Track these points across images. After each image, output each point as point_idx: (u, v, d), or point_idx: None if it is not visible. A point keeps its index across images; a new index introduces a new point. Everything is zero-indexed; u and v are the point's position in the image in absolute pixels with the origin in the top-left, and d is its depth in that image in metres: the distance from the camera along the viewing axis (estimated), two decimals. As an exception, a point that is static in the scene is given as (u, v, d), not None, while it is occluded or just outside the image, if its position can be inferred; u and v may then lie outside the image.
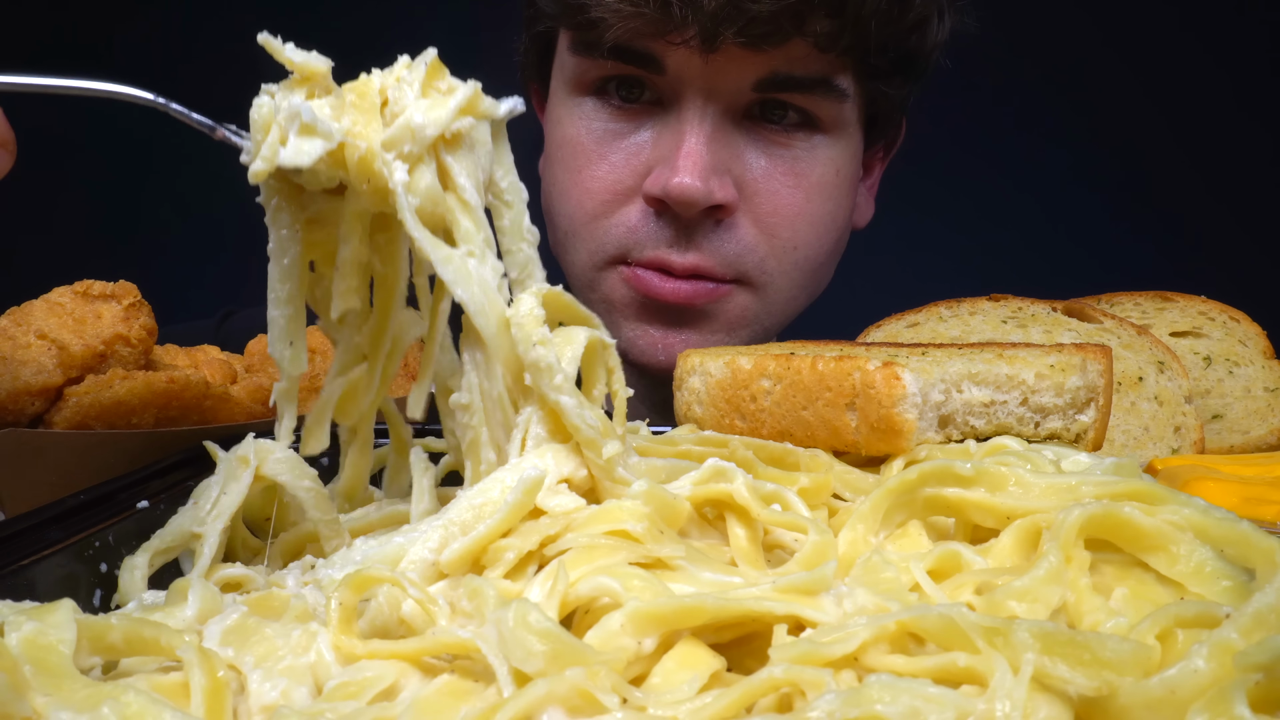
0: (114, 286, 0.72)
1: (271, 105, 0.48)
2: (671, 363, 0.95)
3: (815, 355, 0.58)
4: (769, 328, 1.02)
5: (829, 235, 1.01)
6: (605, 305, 0.99)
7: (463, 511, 0.47)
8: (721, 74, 0.90)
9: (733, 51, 0.88)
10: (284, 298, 0.51)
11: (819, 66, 0.92)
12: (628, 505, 0.46)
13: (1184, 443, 0.79)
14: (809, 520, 0.47)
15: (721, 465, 0.50)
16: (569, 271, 1.04)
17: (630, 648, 0.38)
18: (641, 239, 0.95)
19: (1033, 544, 0.44)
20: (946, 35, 1.00)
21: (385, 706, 0.37)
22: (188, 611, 0.43)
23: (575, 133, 0.98)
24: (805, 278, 1.01)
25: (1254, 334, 0.88)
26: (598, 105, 0.97)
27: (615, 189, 0.96)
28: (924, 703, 0.31)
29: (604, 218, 0.97)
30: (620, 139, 0.96)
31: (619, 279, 0.98)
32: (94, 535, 0.51)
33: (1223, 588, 0.40)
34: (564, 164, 1.00)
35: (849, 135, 1.00)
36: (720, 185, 0.92)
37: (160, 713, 0.34)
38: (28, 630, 0.37)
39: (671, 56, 0.90)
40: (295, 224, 0.51)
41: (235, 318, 1.23)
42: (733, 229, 0.95)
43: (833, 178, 0.99)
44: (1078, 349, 0.60)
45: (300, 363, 0.52)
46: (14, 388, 0.64)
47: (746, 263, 0.96)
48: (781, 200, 0.96)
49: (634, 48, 0.91)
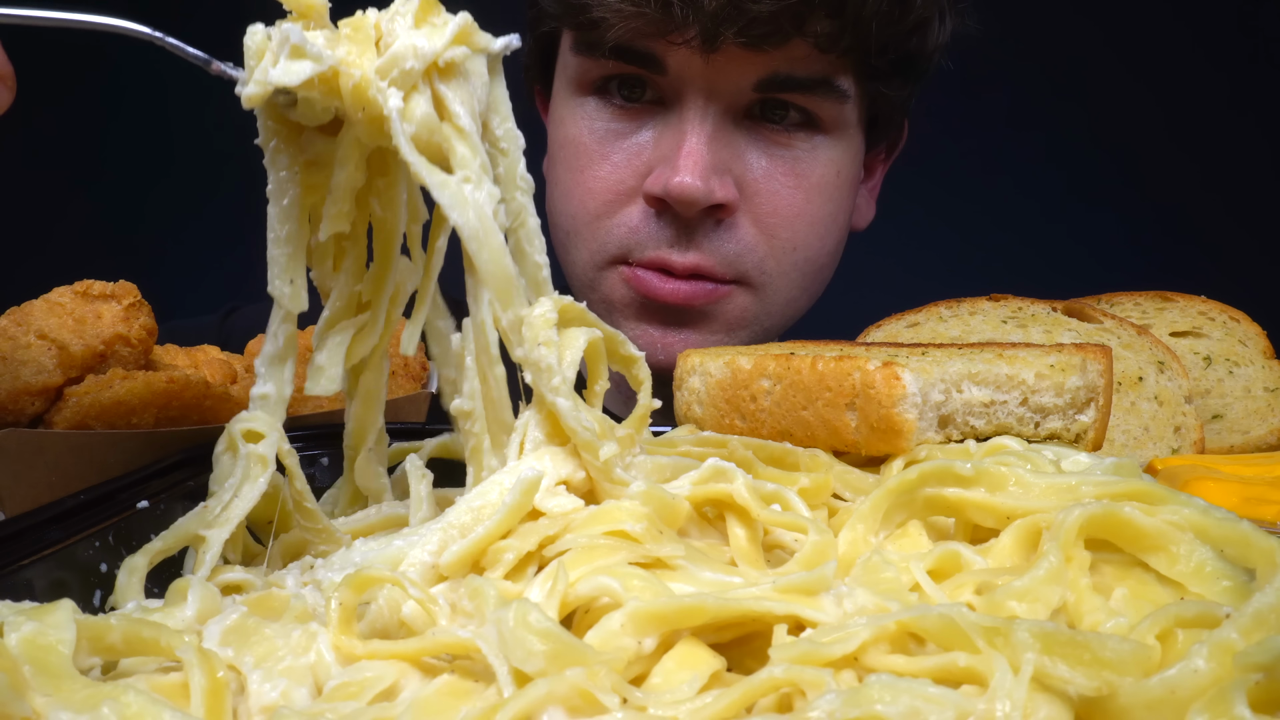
0: (114, 286, 0.72)
1: (265, 33, 0.49)
2: (671, 362, 0.95)
3: (815, 355, 0.58)
4: (769, 328, 1.02)
5: (829, 236, 1.02)
6: (605, 305, 1.00)
7: (461, 514, 0.47)
8: (722, 74, 0.90)
9: (733, 51, 0.88)
10: (283, 237, 0.52)
11: (820, 67, 0.92)
12: (626, 506, 0.46)
13: (1184, 443, 0.79)
14: (809, 520, 0.47)
15: (721, 465, 0.50)
16: (569, 271, 1.04)
17: (630, 648, 0.38)
18: (642, 239, 0.95)
19: (1033, 544, 0.44)
20: (948, 37, 1.01)
21: (385, 707, 0.37)
22: (187, 612, 0.43)
23: (577, 132, 0.98)
24: (805, 279, 1.01)
25: (1254, 334, 0.88)
26: (599, 105, 0.97)
27: (617, 189, 0.96)
28: (924, 703, 0.31)
29: (605, 218, 0.97)
30: (622, 139, 0.96)
31: (619, 279, 0.98)
32: (94, 535, 0.51)
33: (1223, 588, 0.40)
34: (566, 164, 1.00)
35: (850, 136, 1.00)
36: (721, 185, 0.92)
37: (160, 713, 0.34)
38: (27, 630, 0.37)
39: (673, 56, 0.90)
40: (294, 165, 0.52)
41: (238, 314, 1.23)
42: (733, 229, 0.95)
43: (833, 178, 0.99)
44: (1078, 349, 0.60)
45: (300, 300, 0.53)
46: (14, 388, 0.64)
47: (746, 263, 0.96)
48: (782, 200, 0.96)
49: (635, 48, 0.91)
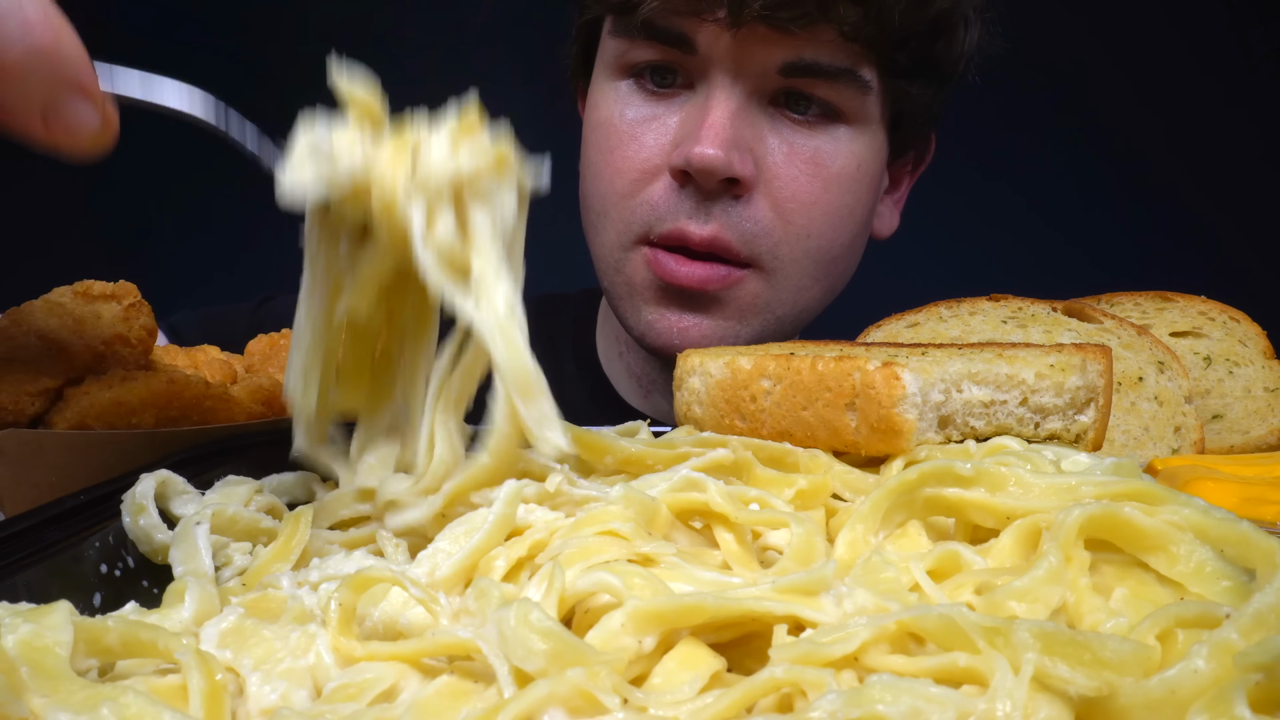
0: (114, 286, 0.72)
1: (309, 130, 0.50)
2: (685, 347, 0.97)
3: (815, 355, 0.58)
4: (780, 317, 1.03)
5: (845, 228, 1.03)
6: (628, 288, 1.03)
7: (448, 540, 0.47)
8: (749, 54, 0.94)
9: (760, 32, 0.92)
10: (308, 342, 0.54)
11: (844, 57, 0.95)
12: (612, 509, 0.46)
13: (1184, 443, 0.79)
14: (789, 514, 0.47)
15: (692, 476, 0.50)
16: (596, 254, 1.07)
17: (631, 647, 0.38)
18: (663, 213, 0.98)
19: (1033, 544, 0.44)
20: (973, 47, 1.03)
21: (385, 708, 0.37)
22: (184, 613, 0.43)
23: (609, 115, 1.02)
24: (817, 268, 1.03)
25: (1254, 334, 0.88)
26: (632, 88, 1.01)
27: (643, 167, 0.99)
28: (925, 703, 0.31)
29: (632, 196, 1.00)
30: (651, 121, 1.00)
31: (641, 261, 1.01)
32: (94, 535, 0.51)
33: (1223, 588, 0.40)
34: (597, 145, 1.04)
35: (872, 132, 1.02)
36: (740, 160, 0.94)
37: (160, 714, 0.33)
38: (24, 632, 0.37)
39: (702, 34, 0.94)
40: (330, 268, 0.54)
41: (274, 302, 1.27)
42: (750, 206, 0.97)
43: (853, 171, 1.01)
44: (1078, 349, 0.60)
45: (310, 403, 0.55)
46: (14, 388, 0.64)
47: (761, 245, 0.98)
48: (800, 186, 0.98)
49: (668, 26, 0.95)
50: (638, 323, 1.03)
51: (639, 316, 1.02)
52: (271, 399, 0.74)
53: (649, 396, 1.16)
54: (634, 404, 1.17)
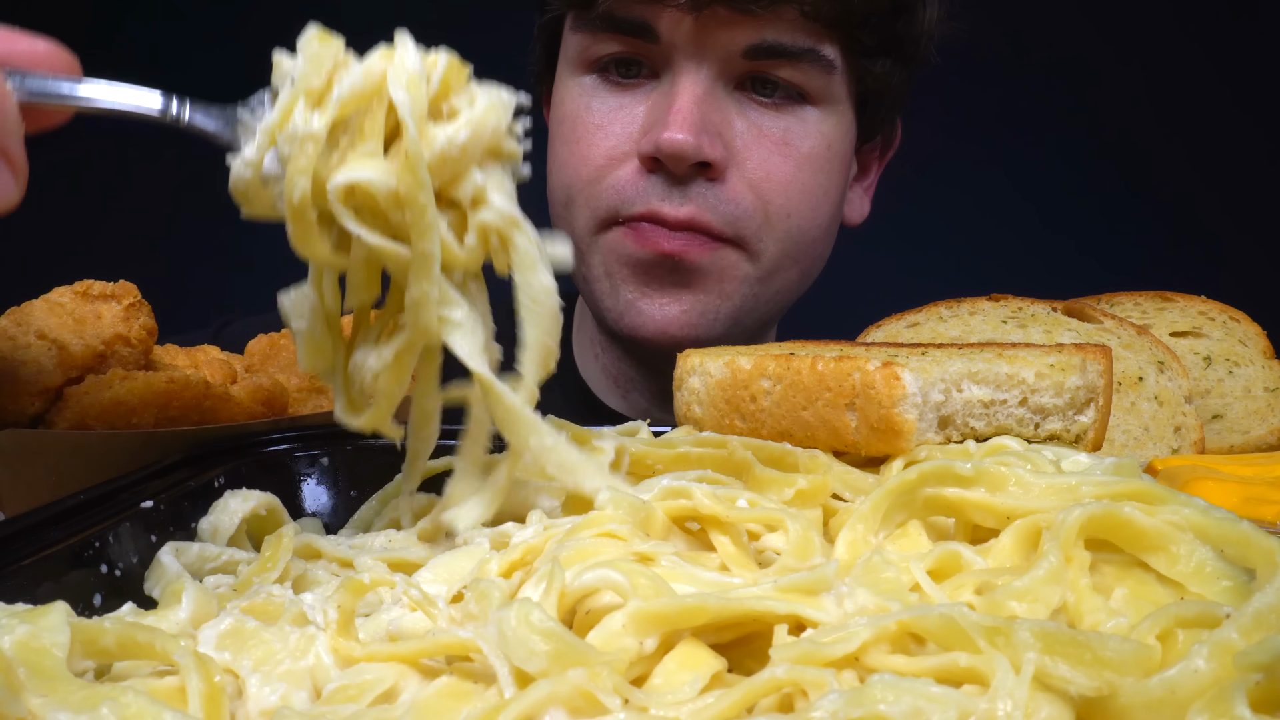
0: (114, 286, 0.72)
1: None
2: (668, 336, 0.99)
3: (815, 355, 0.58)
4: (758, 295, 1.02)
5: (821, 209, 1.03)
6: (604, 269, 1.01)
7: (432, 571, 0.48)
8: (712, 38, 0.93)
9: (722, 15, 0.92)
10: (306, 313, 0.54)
11: (807, 37, 0.95)
12: (607, 512, 0.46)
13: (1184, 443, 0.79)
14: (780, 510, 0.47)
15: (675, 485, 0.49)
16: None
17: (632, 648, 0.37)
18: (630, 196, 0.97)
19: (1033, 544, 0.44)
20: (933, 26, 1.03)
21: (385, 709, 0.37)
22: (181, 614, 0.43)
23: (575, 110, 1.01)
24: (798, 248, 1.02)
25: (1254, 334, 0.88)
26: (596, 83, 1.01)
27: (611, 154, 0.99)
28: (926, 702, 0.31)
29: (598, 182, 0.99)
30: (618, 112, 0.99)
31: (617, 238, 0.99)
32: (94, 535, 0.51)
33: (1223, 588, 0.40)
34: (563, 138, 1.03)
35: (840, 112, 1.02)
36: (710, 143, 0.94)
37: (160, 713, 0.33)
38: (21, 633, 0.37)
39: (663, 21, 0.93)
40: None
41: (232, 327, 1.22)
42: (726, 188, 0.97)
43: (824, 151, 1.01)
44: (1078, 349, 0.60)
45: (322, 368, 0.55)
46: (14, 388, 0.64)
47: (745, 227, 0.98)
48: (773, 167, 0.98)
49: (628, 16, 0.95)
50: (615, 304, 1.01)
51: (617, 297, 1.00)
52: (271, 399, 0.74)
53: (627, 396, 1.14)
54: (612, 405, 1.15)
